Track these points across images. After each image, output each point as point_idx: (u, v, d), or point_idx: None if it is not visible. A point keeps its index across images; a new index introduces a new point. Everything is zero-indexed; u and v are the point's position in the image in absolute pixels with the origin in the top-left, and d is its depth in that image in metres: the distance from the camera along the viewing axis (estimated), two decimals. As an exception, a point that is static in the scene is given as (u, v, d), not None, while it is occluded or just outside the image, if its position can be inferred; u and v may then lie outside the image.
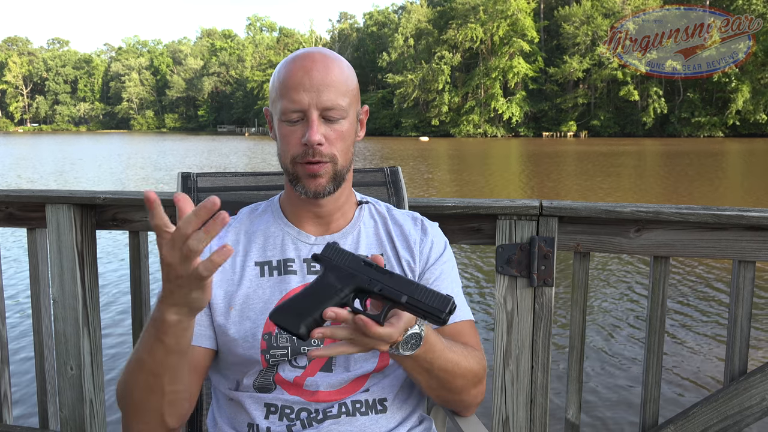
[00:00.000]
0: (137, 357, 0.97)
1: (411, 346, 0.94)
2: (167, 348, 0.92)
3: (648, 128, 56.70)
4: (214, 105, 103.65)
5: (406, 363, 1.01)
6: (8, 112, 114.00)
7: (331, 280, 0.89)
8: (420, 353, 0.98)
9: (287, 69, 1.09)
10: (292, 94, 1.07)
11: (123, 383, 1.02)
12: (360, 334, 0.88)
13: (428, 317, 0.87)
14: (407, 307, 0.87)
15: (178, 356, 0.95)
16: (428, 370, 1.02)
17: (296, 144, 1.09)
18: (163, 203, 0.81)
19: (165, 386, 0.97)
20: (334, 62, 1.10)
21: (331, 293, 0.88)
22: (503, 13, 62.97)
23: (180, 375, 0.99)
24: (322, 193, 1.11)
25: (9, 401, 2.12)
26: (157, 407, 1.00)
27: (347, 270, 0.89)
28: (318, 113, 1.07)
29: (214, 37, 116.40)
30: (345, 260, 0.90)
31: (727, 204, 11.59)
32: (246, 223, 1.20)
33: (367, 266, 0.89)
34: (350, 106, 1.11)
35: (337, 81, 1.08)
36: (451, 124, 65.61)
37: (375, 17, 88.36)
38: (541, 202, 1.66)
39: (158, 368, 0.95)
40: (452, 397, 1.12)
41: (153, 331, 0.92)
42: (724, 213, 1.56)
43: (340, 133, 1.10)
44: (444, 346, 1.03)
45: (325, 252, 0.91)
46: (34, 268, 2.01)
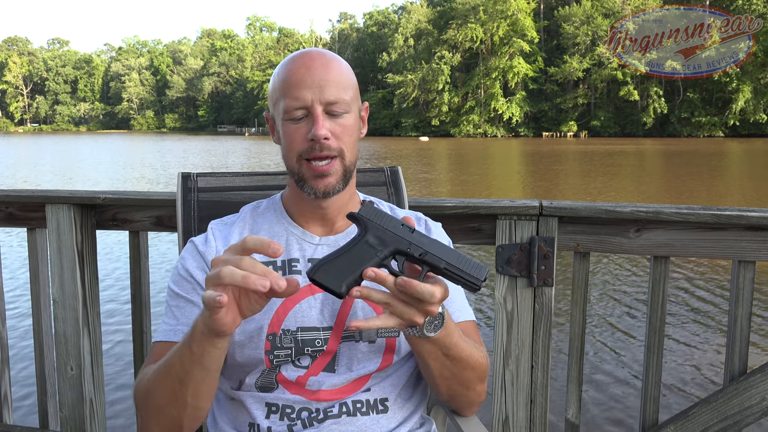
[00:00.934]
0: (169, 360, 0.96)
1: (434, 327, 0.95)
2: (193, 357, 0.91)
3: (648, 128, 56.71)
4: (214, 105, 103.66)
5: (426, 347, 1.00)
6: (8, 112, 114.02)
7: (371, 241, 0.88)
8: (441, 336, 0.98)
9: (287, 68, 1.09)
10: (295, 92, 1.07)
11: (147, 383, 1.00)
12: (397, 299, 0.88)
13: (465, 284, 0.86)
14: (445, 273, 0.86)
15: (202, 371, 0.93)
16: (445, 355, 1.02)
17: (302, 140, 1.08)
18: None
19: (188, 398, 0.96)
20: (333, 59, 1.11)
21: (371, 254, 0.87)
22: (503, 13, 62.98)
23: (203, 393, 0.96)
24: (332, 192, 1.11)
25: (9, 401, 2.12)
26: (178, 416, 0.98)
27: (387, 231, 0.88)
28: (322, 108, 1.07)
29: (214, 37, 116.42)
30: (384, 221, 0.89)
31: (727, 204, 11.59)
32: (249, 222, 1.20)
33: (406, 229, 0.88)
34: (353, 102, 1.11)
35: (338, 76, 1.09)
36: (451, 124, 65.61)
37: (375, 17, 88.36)
38: (541, 202, 1.66)
39: (184, 376, 0.94)
40: (461, 390, 1.11)
41: (187, 337, 0.92)
42: (724, 213, 1.56)
43: (346, 127, 1.10)
44: (460, 334, 1.03)
45: (362, 211, 0.90)
46: (34, 268, 2.01)
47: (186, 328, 1.07)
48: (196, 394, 0.96)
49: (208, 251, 1.14)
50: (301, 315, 1.09)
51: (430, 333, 0.95)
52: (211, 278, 0.83)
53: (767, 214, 1.54)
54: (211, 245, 1.15)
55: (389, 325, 0.90)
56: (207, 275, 0.85)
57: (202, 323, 0.88)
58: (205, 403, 0.99)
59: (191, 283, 1.12)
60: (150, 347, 1.28)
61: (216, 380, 0.98)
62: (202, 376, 0.94)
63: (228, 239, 1.16)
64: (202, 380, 0.94)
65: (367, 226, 0.89)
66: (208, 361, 0.92)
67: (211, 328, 0.87)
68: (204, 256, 1.14)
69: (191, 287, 1.11)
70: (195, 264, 1.13)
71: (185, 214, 1.47)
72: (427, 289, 0.87)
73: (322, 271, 0.86)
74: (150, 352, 1.10)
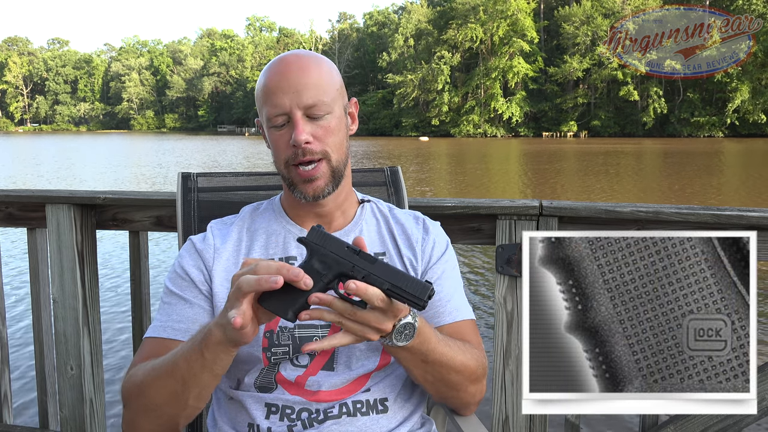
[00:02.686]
0: (173, 360, 0.96)
1: (405, 336, 0.94)
2: (205, 362, 0.92)
3: (648, 128, 56.73)
4: (214, 105, 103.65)
5: (401, 354, 1.00)
6: (8, 112, 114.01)
7: (316, 266, 0.89)
8: (415, 344, 0.97)
9: (266, 75, 1.10)
10: (273, 99, 1.07)
11: (142, 381, 1.00)
12: (347, 319, 0.89)
13: (410, 303, 0.88)
14: (389, 294, 0.88)
15: (211, 377, 0.94)
16: (423, 362, 1.02)
17: (285, 147, 1.09)
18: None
19: (189, 400, 0.97)
20: (311, 61, 1.10)
21: (317, 279, 0.88)
22: (503, 13, 62.97)
23: (206, 396, 0.98)
24: (322, 195, 1.12)
25: (9, 401, 2.12)
26: (175, 415, 1.00)
27: (331, 255, 0.89)
28: (301, 113, 1.07)
29: (214, 37, 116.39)
30: (329, 244, 0.90)
31: (727, 204, 11.59)
32: (248, 221, 1.21)
33: (351, 252, 0.89)
34: (334, 101, 1.11)
35: (315, 78, 1.08)
36: (451, 124, 65.61)
37: (375, 17, 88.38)
38: (541, 202, 1.66)
39: (190, 379, 0.94)
40: (450, 393, 1.11)
41: (198, 341, 0.93)
42: (724, 213, 1.56)
43: (328, 128, 1.10)
44: (438, 340, 1.03)
45: (309, 236, 0.92)
46: (34, 268, 2.01)
47: (177, 324, 1.08)
48: (199, 397, 0.97)
49: (206, 249, 1.15)
50: (299, 312, 1.10)
51: (401, 343, 0.95)
52: (232, 294, 0.86)
53: (767, 214, 1.54)
54: (210, 244, 1.16)
55: (346, 342, 0.92)
56: (229, 293, 0.88)
57: (221, 333, 0.89)
58: (204, 402, 1.00)
59: (186, 280, 1.12)
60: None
61: (217, 383, 0.99)
62: (209, 381, 0.95)
63: (226, 239, 1.17)
64: (208, 385, 0.96)
65: (312, 251, 0.90)
66: (219, 367, 0.93)
67: (231, 338, 0.88)
68: (201, 254, 1.14)
69: (186, 285, 1.12)
70: (192, 262, 1.14)
71: (185, 214, 1.47)
72: (369, 316, 0.88)
73: (268, 298, 0.88)
74: (140, 348, 1.11)
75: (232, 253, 1.15)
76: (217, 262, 1.13)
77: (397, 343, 0.95)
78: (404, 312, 0.92)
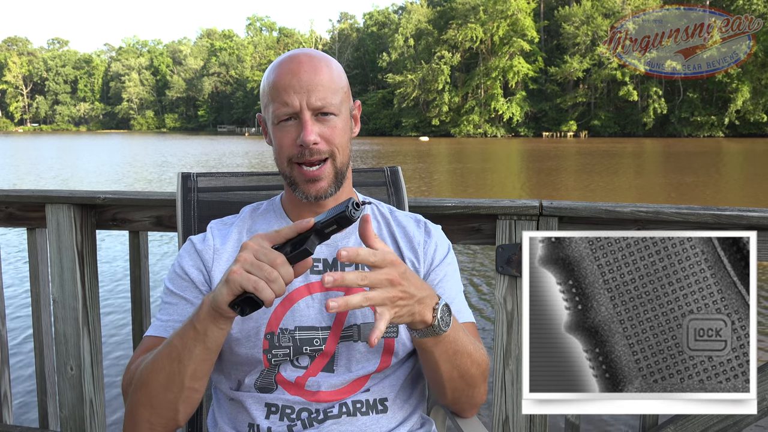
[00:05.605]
0: (169, 341, 0.98)
1: (444, 322, 0.97)
2: (196, 335, 0.94)
3: (648, 128, 56.72)
4: (214, 105, 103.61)
5: (439, 349, 1.01)
6: (8, 112, 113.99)
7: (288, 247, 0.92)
8: (450, 333, 0.99)
9: (275, 73, 1.09)
10: (283, 97, 1.07)
11: (141, 372, 1.01)
12: (365, 285, 0.88)
13: (339, 221, 0.87)
14: (321, 228, 0.88)
15: (203, 350, 0.95)
16: (454, 353, 1.03)
17: (291, 145, 1.09)
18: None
19: (185, 380, 0.97)
20: (321, 62, 1.10)
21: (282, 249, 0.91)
22: (503, 13, 62.98)
23: (201, 374, 0.98)
24: (324, 195, 1.12)
25: (9, 401, 2.12)
26: (174, 401, 0.99)
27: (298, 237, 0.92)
28: (311, 113, 1.07)
29: (214, 37, 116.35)
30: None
31: (727, 204, 11.59)
32: (248, 222, 1.21)
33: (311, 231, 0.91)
34: (342, 103, 1.11)
35: (326, 80, 1.08)
36: (451, 124, 65.62)
37: (375, 17, 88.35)
38: (541, 202, 1.66)
39: (184, 355, 0.95)
40: (466, 390, 1.11)
41: (192, 316, 0.95)
42: (724, 213, 1.56)
43: (336, 129, 1.10)
44: (460, 326, 1.05)
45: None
46: (34, 268, 2.01)
47: (177, 324, 1.08)
48: (194, 375, 0.97)
49: (205, 250, 1.15)
50: (299, 314, 1.10)
51: (445, 328, 0.97)
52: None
53: (767, 214, 1.54)
54: (209, 244, 1.15)
55: (387, 317, 0.88)
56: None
57: (210, 302, 0.91)
58: (201, 384, 1.00)
59: (186, 281, 1.12)
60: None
61: (212, 364, 0.99)
62: (203, 356, 0.96)
63: (226, 239, 1.17)
64: (203, 360, 0.96)
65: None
66: (211, 340, 0.94)
67: (217, 306, 0.90)
68: (201, 254, 1.14)
69: (186, 285, 1.12)
70: (191, 262, 1.14)
71: (185, 214, 1.47)
72: (377, 274, 0.88)
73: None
74: (140, 346, 1.11)
75: (231, 253, 1.15)
76: (216, 262, 1.13)
77: (443, 328, 0.97)
78: (435, 298, 0.96)
